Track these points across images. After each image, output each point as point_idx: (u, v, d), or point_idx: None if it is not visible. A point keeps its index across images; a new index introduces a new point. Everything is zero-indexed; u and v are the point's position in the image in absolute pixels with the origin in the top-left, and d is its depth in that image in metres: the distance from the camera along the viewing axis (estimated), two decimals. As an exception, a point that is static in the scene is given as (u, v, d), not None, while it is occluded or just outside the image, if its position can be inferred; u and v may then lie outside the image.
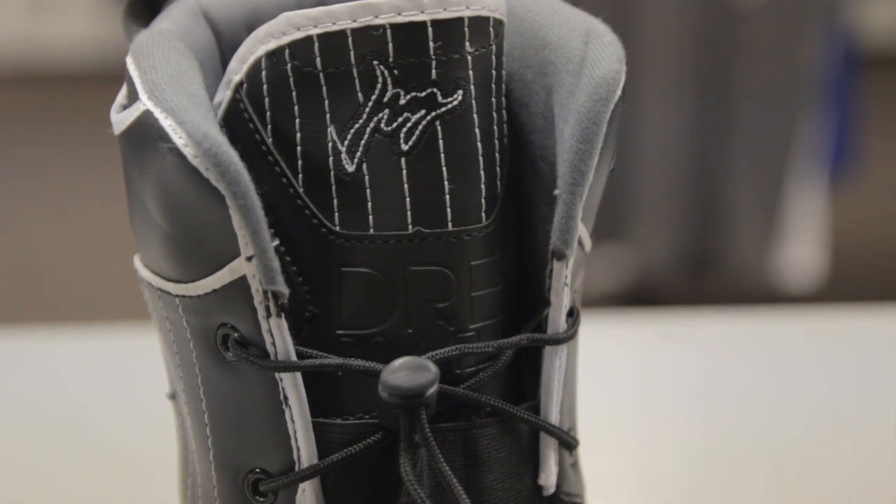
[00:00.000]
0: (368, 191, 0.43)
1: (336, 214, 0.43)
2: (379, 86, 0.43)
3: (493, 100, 0.45)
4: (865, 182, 2.36)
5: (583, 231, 0.46)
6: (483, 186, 0.44)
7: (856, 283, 2.31)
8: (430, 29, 0.43)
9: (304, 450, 0.44)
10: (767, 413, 0.87)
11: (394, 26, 0.43)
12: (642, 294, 2.21)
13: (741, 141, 2.16)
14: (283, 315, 0.42)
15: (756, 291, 2.14)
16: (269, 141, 0.44)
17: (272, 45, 0.43)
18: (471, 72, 0.43)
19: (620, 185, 2.13)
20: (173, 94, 0.43)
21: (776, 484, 0.76)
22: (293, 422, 0.43)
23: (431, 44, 0.43)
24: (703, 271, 2.25)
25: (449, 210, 0.44)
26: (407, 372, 0.42)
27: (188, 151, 0.41)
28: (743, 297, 2.04)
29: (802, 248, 2.22)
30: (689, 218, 2.20)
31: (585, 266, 0.48)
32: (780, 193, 2.19)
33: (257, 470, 0.45)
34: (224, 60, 0.47)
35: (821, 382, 0.92)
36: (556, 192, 0.44)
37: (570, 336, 0.45)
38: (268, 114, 0.44)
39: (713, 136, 2.17)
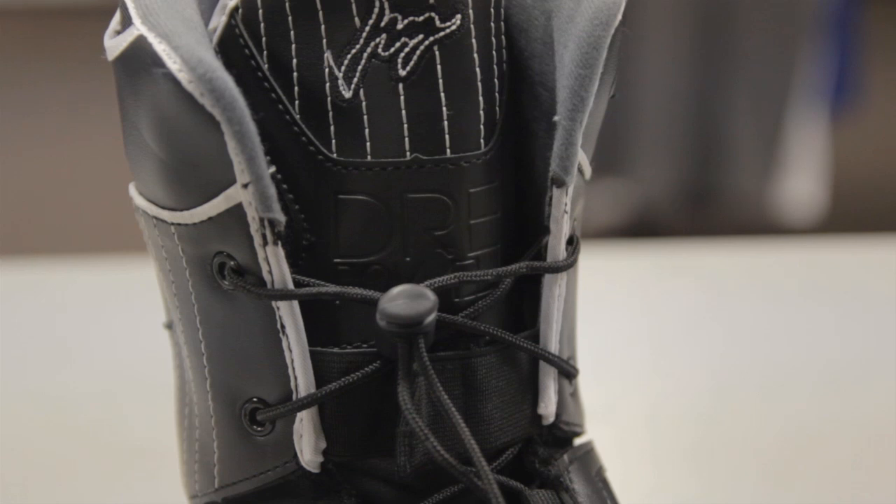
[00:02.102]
0: (366, 117, 0.43)
1: (333, 141, 0.43)
2: (376, 10, 0.42)
3: (492, 24, 0.44)
4: (866, 115, 2.35)
5: (583, 158, 0.45)
6: (482, 113, 0.44)
7: (856, 216, 2.30)
8: None
9: (302, 379, 0.43)
10: (767, 343, 0.87)
11: (391, -51, 0.42)
12: (642, 228, 2.21)
13: (742, 74, 2.15)
14: (279, 243, 0.42)
15: (756, 225, 2.14)
16: (265, 67, 0.43)
17: (268, -31, 0.42)
18: (469, -5, 0.43)
19: (621, 120, 2.12)
20: (167, 18, 0.42)
21: (774, 412, 0.76)
22: (290, 351, 0.43)
23: None
24: (703, 205, 2.25)
25: (447, 136, 0.43)
26: (405, 300, 0.42)
27: (182, 77, 0.41)
28: (743, 231, 2.03)
29: (802, 182, 2.22)
30: (689, 152, 2.19)
31: (585, 194, 0.48)
32: (780, 127, 2.18)
33: (254, 399, 0.45)
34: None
35: (819, 312, 0.92)
36: (556, 118, 0.44)
37: (569, 264, 0.45)
38: (263, 39, 0.43)
39: (714, 69, 2.16)
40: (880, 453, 0.71)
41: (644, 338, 0.88)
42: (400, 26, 0.43)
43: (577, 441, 0.49)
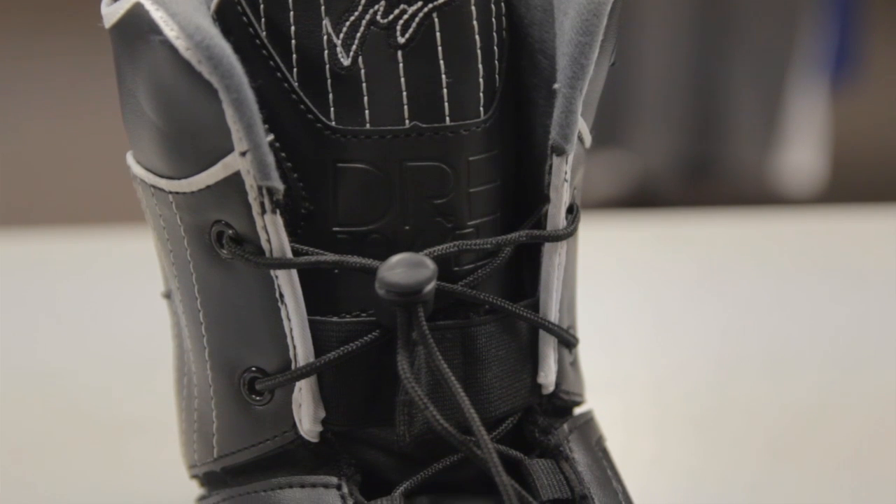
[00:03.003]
0: (364, 85, 0.42)
1: (331, 109, 0.43)
2: (375, -23, 0.42)
3: (492, -9, 0.44)
4: (866, 86, 2.35)
5: (583, 126, 0.45)
6: (481, 80, 0.43)
7: (856, 187, 2.30)
8: None
9: (301, 348, 0.43)
10: (768, 313, 0.87)
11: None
12: (642, 200, 2.20)
13: (742, 45, 2.15)
14: (278, 211, 0.42)
15: (756, 195, 2.14)
16: (263, 34, 0.43)
17: (266, -66, 0.42)
18: (468, -38, 0.43)
19: (621, 91, 2.11)
20: (164, -16, 0.42)
21: (776, 382, 0.76)
22: (289, 320, 0.43)
23: None
24: (703, 176, 2.24)
25: (446, 104, 0.43)
26: (404, 268, 0.41)
27: (180, 44, 0.40)
28: (743, 202, 2.03)
29: (803, 153, 2.21)
30: (689, 123, 2.19)
31: (585, 162, 0.48)
32: (780, 98, 2.18)
33: (253, 369, 0.45)
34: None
35: (819, 281, 0.92)
36: (556, 86, 0.44)
37: (569, 233, 0.45)
38: (261, 6, 0.43)
39: (714, 39, 2.16)
40: (880, 418, 0.71)
41: (644, 308, 0.88)
42: (399, -7, 0.42)
43: (577, 410, 0.49)
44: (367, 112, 0.43)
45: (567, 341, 0.46)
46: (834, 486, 0.64)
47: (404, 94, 0.43)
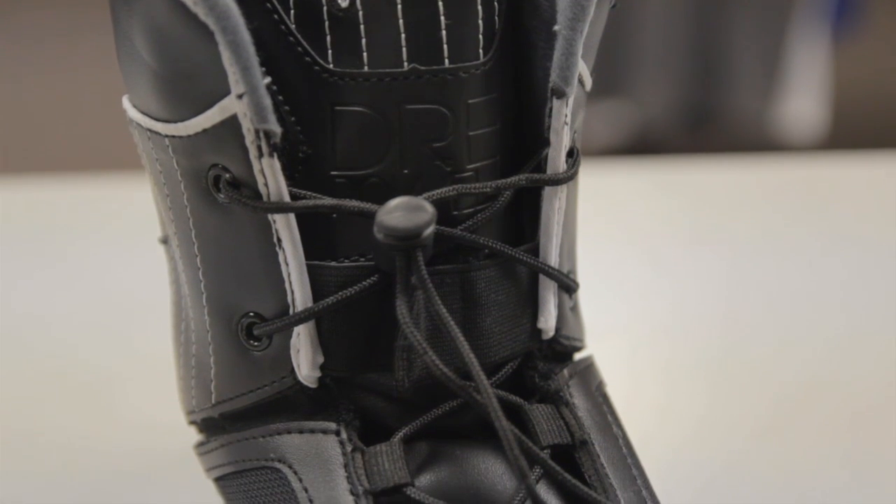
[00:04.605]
0: (362, 27, 0.42)
1: (329, 52, 0.42)
2: (373, -83, 0.42)
3: (492, -69, 0.43)
4: (868, 34, 2.34)
5: (583, 68, 0.45)
6: (480, 22, 0.43)
7: (856, 136, 2.29)
8: None
9: (299, 293, 0.43)
10: (769, 259, 0.86)
11: None
12: (643, 149, 2.20)
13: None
14: (275, 155, 0.41)
15: (757, 144, 2.13)
16: (260, -25, 0.42)
17: None
18: None
19: (622, 40, 2.10)
20: (158, -74, 0.41)
21: (776, 327, 0.76)
22: (287, 264, 0.43)
23: None
24: (703, 125, 2.24)
25: (445, 46, 0.42)
26: (403, 212, 0.41)
27: (175, -15, 0.40)
28: (744, 150, 2.03)
29: (804, 102, 2.21)
30: (690, 71, 2.18)
31: (586, 106, 0.47)
32: (782, 45, 2.17)
33: (251, 314, 0.44)
34: None
35: (819, 226, 0.92)
36: (556, 28, 0.43)
37: (569, 176, 0.44)
38: (258, -54, 0.42)
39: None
40: (878, 359, 0.71)
41: (645, 255, 0.87)
42: (397, -67, 0.42)
43: (578, 356, 0.48)
44: (365, 54, 0.42)
45: (567, 286, 0.46)
46: (842, 431, 0.63)
47: (403, 36, 0.42)
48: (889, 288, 0.81)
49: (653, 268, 0.85)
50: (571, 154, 0.45)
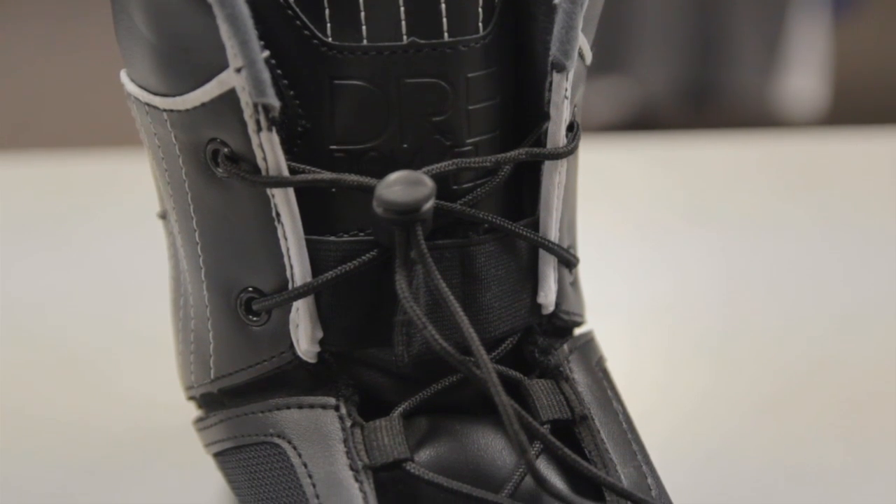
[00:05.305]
0: (361, 0, 0.42)
1: (328, 25, 0.42)
2: None
3: None
4: (868, 10, 2.33)
5: (583, 42, 0.44)
6: (480, -5, 0.43)
7: (857, 112, 2.29)
8: None
9: (298, 268, 0.43)
10: (769, 235, 0.86)
11: None
12: (643, 125, 2.19)
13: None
14: (274, 129, 0.41)
15: (757, 120, 2.13)
16: (258, -52, 0.42)
17: None
18: None
19: (622, 16, 2.10)
20: None
21: (778, 301, 0.76)
22: (286, 239, 0.42)
23: None
24: (704, 101, 2.23)
25: (445, 20, 0.42)
26: (402, 186, 0.41)
27: (172, -43, 0.40)
28: (744, 126, 2.02)
29: (804, 78, 2.20)
30: (690, 47, 2.18)
31: (586, 80, 0.47)
32: (782, 22, 2.16)
33: (250, 289, 0.44)
34: None
35: (819, 201, 0.92)
36: (556, 1, 0.43)
37: (569, 150, 0.44)
38: (256, -81, 0.42)
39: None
40: (885, 332, 0.71)
41: (645, 231, 0.87)
42: None
43: (578, 331, 0.48)
44: (363, 28, 0.42)
45: (567, 261, 0.46)
46: (842, 408, 0.63)
47: (402, 9, 0.42)
48: (890, 264, 0.81)
49: (653, 244, 0.85)
50: (571, 128, 0.45)
